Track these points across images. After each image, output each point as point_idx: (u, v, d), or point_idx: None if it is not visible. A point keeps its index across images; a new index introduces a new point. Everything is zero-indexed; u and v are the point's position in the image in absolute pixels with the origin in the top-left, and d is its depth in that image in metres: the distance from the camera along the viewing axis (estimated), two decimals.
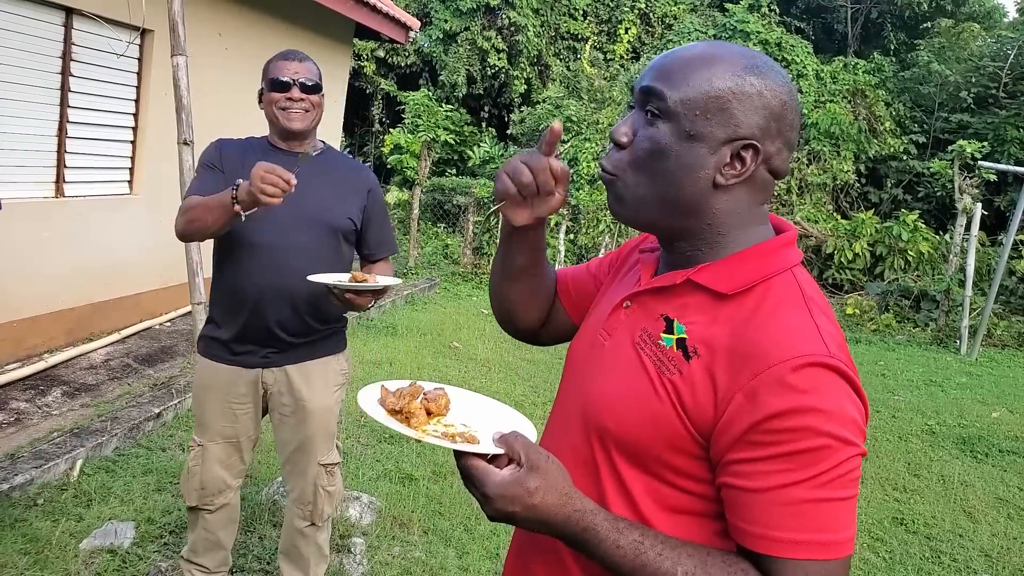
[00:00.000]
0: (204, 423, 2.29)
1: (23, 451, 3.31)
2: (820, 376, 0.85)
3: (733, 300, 0.94)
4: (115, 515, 2.97)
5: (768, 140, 0.94)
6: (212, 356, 2.27)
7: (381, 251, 2.41)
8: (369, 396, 1.02)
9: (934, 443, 5.18)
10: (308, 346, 2.28)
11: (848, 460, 0.84)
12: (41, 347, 4.60)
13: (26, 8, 4.27)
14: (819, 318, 0.91)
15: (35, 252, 4.50)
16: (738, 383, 0.87)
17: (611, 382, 1.00)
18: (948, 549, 3.67)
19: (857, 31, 15.31)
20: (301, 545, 2.40)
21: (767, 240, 0.98)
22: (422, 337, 6.39)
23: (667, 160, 0.94)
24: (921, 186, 12.27)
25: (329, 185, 2.25)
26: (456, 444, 0.91)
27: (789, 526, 0.84)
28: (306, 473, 2.33)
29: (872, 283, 10.18)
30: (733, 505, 0.88)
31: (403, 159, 11.50)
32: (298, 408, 2.28)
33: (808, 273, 1.00)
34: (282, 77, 2.16)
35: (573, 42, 14.73)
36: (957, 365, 7.75)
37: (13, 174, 4.37)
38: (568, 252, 10.30)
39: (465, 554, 3.09)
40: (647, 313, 1.01)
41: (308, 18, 6.89)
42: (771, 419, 0.84)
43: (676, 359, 0.93)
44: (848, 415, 0.85)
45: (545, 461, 0.88)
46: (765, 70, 0.94)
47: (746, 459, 0.86)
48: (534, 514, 0.87)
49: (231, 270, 2.19)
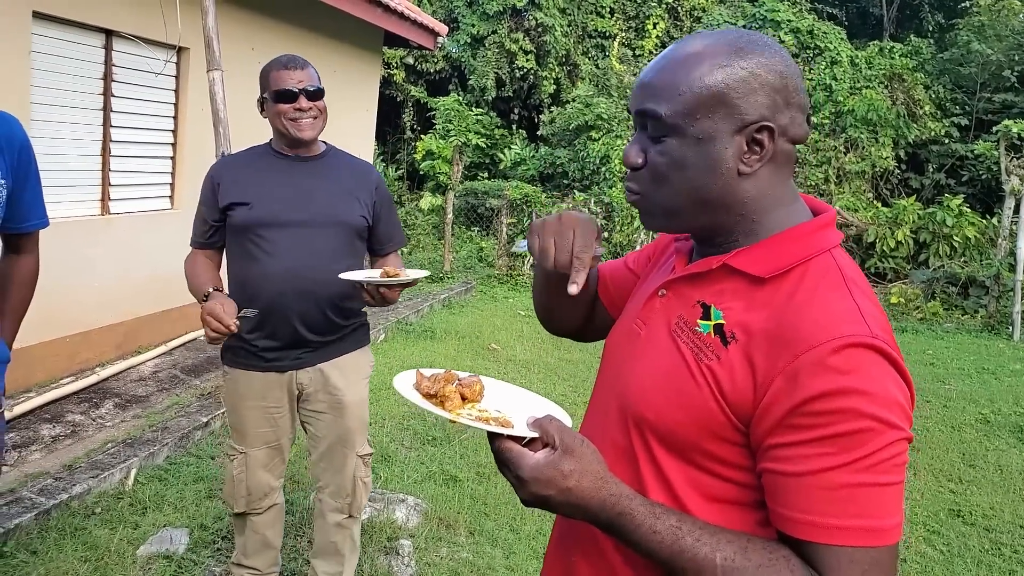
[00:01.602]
0: (243, 431, 2.33)
1: (80, 462, 3.41)
2: (862, 357, 0.82)
3: (770, 283, 0.92)
4: (169, 522, 3.05)
5: (779, 114, 0.92)
6: (244, 366, 2.29)
7: (390, 244, 2.43)
8: (405, 380, 1.03)
9: (989, 432, 5.03)
10: (338, 342, 2.31)
11: (893, 444, 0.81)
12: (93, 361, 4.73)
13: (69, 32, 4.41)
14: (860, 299, 0.88)
15: (84, 269, 4.63)
16: (777, 367, 0.85)
17: (648, 371, 0.99)
18: (1009, 540, 3.56)
19: (893, 14, 14.96)
20: (338, 540, 2.43)
21: (804, 222, 0.96)
22: (460, 340, 6.42)
23: (687, 169, 0.93)
24: (965, 169, 11.95)
25: (337, 185, 2.28)
26: (490, 426, 0.90)
27: (831, 511, 0.81)
28: (345, 467, 2.36)
29: (917, 271, 9.93)
30: (773, 491, 0.86)
31: (435, 164, 11.58)
32: (335, 403, 2.32)
33: (848, 255, 0.98)
34: (287, 87, 2.17)
35: (601, 40, 14.65)
36: (1010, 352, 7.51)
37: (62, 194, 4.51)
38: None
39: (512, 554, 3.09)
40: (683, 300, 1.00)
41: (337, 28, 6.98)
42: (811, 401, 0.82)
43: (714, 345, 0.92)
44: (892, 397, 0.82)
45: (580, 444, 0.87)
46: (750, 47, 0.92)
47: (786, 443, 0.84)
48: (569, 498, 0.86)
49: (251, 280, 2.20)
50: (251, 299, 2.18)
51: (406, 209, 12.38)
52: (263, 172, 2.25)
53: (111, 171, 4.84)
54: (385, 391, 4.84)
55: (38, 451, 3.53)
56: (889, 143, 12.10)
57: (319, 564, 2.48)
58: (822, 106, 12.35)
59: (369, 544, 3.01)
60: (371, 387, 5.22)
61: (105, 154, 4.79)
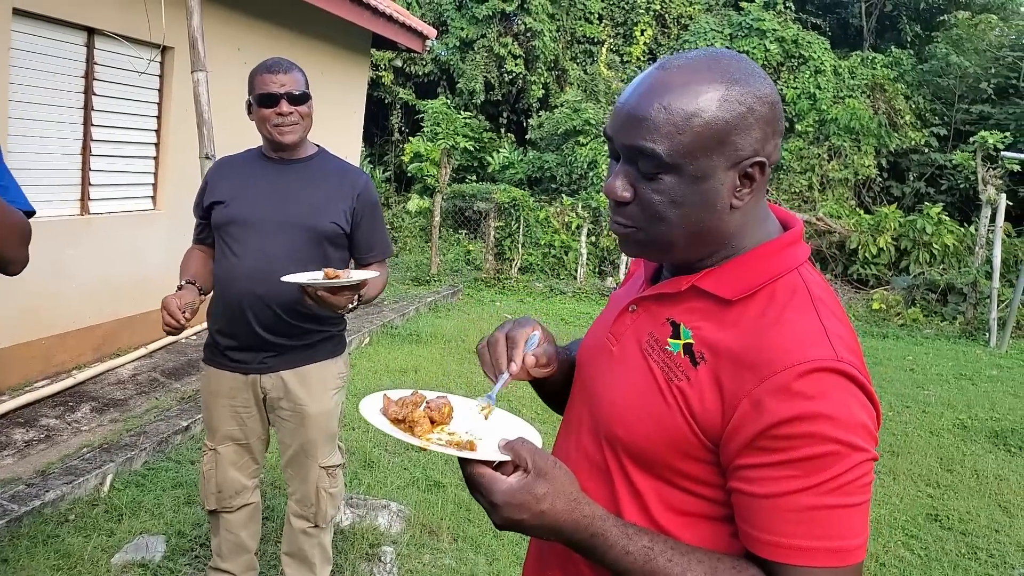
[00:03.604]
0: (214, 428, 2.34)
1: (54, 467, 3.35)
2: (827, 381, 0.83)
3: (738, 304, 0.93)
4: (146, 529, 3.00)
5: (767, 144, 0.92)
6: (214, 363, 2.32)
7: (372, 255, 2.36)
8: (371, 405, 1.01)
9: (966, 437, 5.08)
10: (305, 350, 2.29)
11: (858, 466, 0.83)
12: (69, 363, 4.67)
13: (49, 29, 4.35)
14: (827, 320, 0.89)
15: (62, 269, 4.57)
16: (744, 389, 0.86)
17: (620, 389, 0.99)
18: (984, 545, 3.60)
19: (872, 25, 15.15)
20: (305, 547, 2.41)
21: (771, 240, 0.96)
22: (446, 344, 6.40)
23: (684, 206, 0.92)
24: (944, 178, 12.11)
25: (317, 189, 2.26)
26: (461, 452, 0.90)
27: (797, 532, 0.83)
28: (307, 476, 2.35)
29: (897, 277, 10.06)
30: (742, 511, 0.88)
31: (423, 167, 11.56)
32: (296, 413, 2.30)
33: (817, 271, 0.98)
34: (269, 91, 2.16)
35: (589, 45, 14.71)
36: (987, 358, 7.61)
37: (39, 193, 4.45)
38: (590, 255, 10.28)
39: (495, 560, 3.08)
40: (653, 317, 1.00)
41: (325, 30, 6.95)
42: (778, 425, 0.83)
43: (683, 365, 0.93)
44: (857, 420, 0.84)
45: (552, 467, 0.87)
46: (742, 76, 0.90)
47: (754, 465, 0.85)
48: (543, 520, 0.86)
49: (220, 278, 2.25)
50: (219, 296, 2.25)
51: (393, 211, 12.35)
52: (248, 174, 2.28)
53: (91, 171, 4.79)
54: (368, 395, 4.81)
55: (10, 456, 3.47)
56: (871, 151, 12.25)
57: (290, 570, 2.46)
58: (806, 114, 12.47)
59: (351, 551, 2.98)
60: (353, 392, 5.19)
61: (85, 153, 4.74)
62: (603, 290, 9.54)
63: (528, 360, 1.04)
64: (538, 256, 10.32)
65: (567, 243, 10.45)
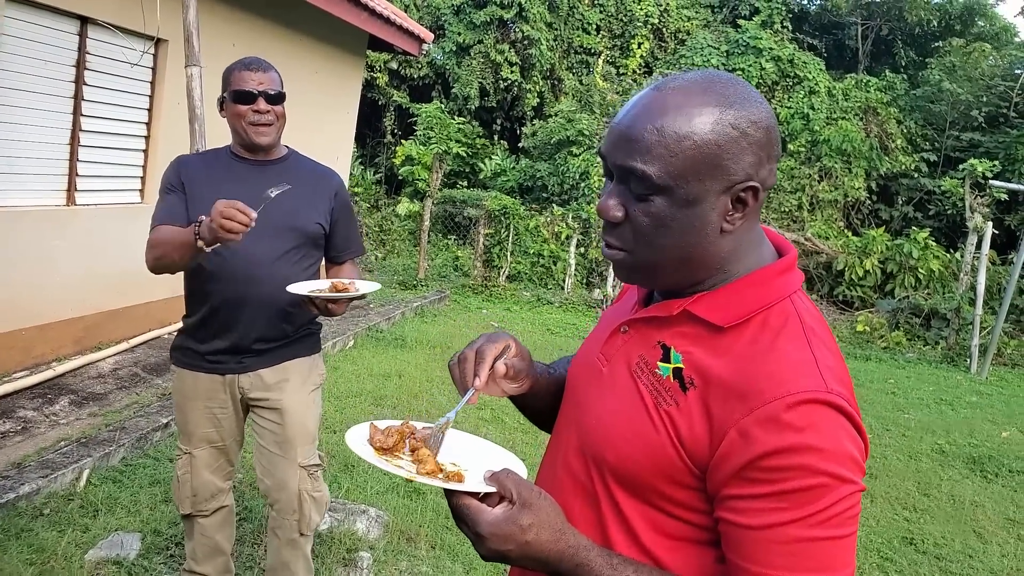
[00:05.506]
0: (188, 431, 2.30)
1: (30, 460, 3.31)
2: (816, 413, 0.83)
3: (730, 332, 0.92)
4: (121, 526, 2.97)
5: (761, 169, 0.91)
6: (189, 366, 2.27)
7: (347, 253, 2.39)
8: (358, 435, 1.02)
9: (944, 462, 5.12)
10: (282, 349, 2.27)
11: (846, 498, 0.83)
12: (49, 355, 4.62)
13: (41, 16, 4.31)
14: (818, 350, 0.89)
15: (45, 260, 4.52)
16: (733, 418, 0.86)
17: (608, 412, 0.99)
18: (958, 570, 3.62)
19: (868, 48, 15.32)
20: (290, 560, 2.36)
21: (765, 266, 0.96)
22: (432, 349, 6.38)
23: (672, 230, 0.91)
24: (932, 204, 12.24)
25: (296, 191, 2.22)
26: (447, 483, 0.90)
27: (784, 564, 0.83)
28: (288, 479, 2.30)
29: (883, 300, 10.14)
30: (729, 540, 0.88)
31: (415, 171, 11.56)
32: (275, 409, 2.27)
33: (808, 300, 0.98)
34: (246, 88, 2.14)
35: (586, 56, 14.78)
36: (967, 384, 7.68)
37: (25, 182, 4.40)
38: (579, 266, 10.30)
39: (472, 569, 3.06)
40: (644, 340, 0.99)
41: (322, 29, 6.93)
42: (766, 457, 0.83)
43: (673, 390, 0.92)
44: (846, 452, 0.84)
45: (537, 498, 0.88)
46: (738, 100, 0.89)
47: (741, 495, 0.85)
48: (528, 551, 0.86)
49: (201, 281, 2.19)
50: (202, 299, 2.18)
51: (382, 214, 12.31)
52: (224, 176, 2.21)
53: (79, 161, 4.74)
54: (350, 399, 4.78)
55: None
56: (862, 174, 12.37)
57: None
58: (799, 134, 12.57)
59: (327, 555, 2.96)
60: (336, 394, 5.16)
61: (74, 144, 4.69)
62: (590, 301, 9.55)
63: (498, 368, 1.04)
64: (526, 265, 10.33)
65: (556, 253, 10.47)
